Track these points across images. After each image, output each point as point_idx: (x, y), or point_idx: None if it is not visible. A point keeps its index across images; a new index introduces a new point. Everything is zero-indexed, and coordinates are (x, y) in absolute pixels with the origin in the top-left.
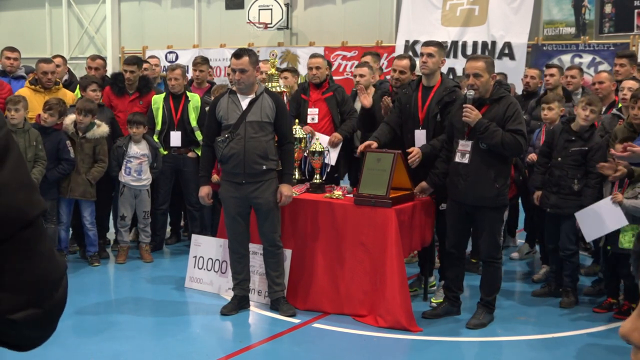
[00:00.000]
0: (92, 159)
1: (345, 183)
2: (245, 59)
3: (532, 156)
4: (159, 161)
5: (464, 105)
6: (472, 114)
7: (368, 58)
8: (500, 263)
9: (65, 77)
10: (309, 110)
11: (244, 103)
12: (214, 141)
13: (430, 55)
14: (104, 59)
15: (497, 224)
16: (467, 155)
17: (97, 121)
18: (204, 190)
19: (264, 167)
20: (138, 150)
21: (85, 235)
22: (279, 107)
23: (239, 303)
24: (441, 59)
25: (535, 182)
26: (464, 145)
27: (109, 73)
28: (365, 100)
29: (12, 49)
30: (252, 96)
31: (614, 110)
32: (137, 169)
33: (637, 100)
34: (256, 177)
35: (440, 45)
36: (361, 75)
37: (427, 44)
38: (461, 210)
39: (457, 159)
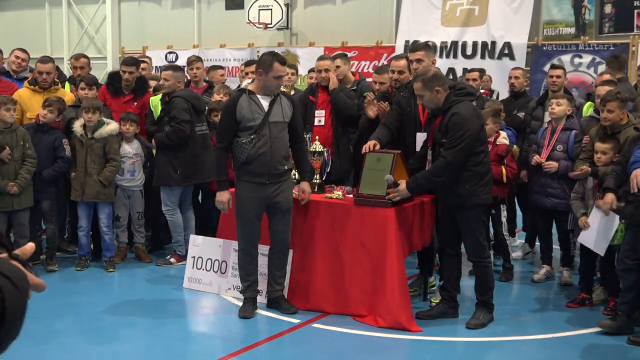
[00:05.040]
0: (104, 159)
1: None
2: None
3: (537, 158)
4: (152, 161)
5: (390, 193)
6: (398, 196)
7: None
8: (488, 262)
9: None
10: (316, 112)
11: (265, 104)
12: (232, 142)
13: (419, 60)
14: (88, 58)
15: (476, 224)
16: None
17: (105, 119)
18: (225, 196)
19: (285, 167)
20: (130, 149)
21: (101, 239)
22: (294, 106)
23: (254, 304)
24: (431, 60)
25: (609, 183)
26: (429, 153)
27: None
28: (370, 111)
29: (23, 50)
30: (271, 97)
31: (592, 112)
32: (130, 169)
33: (605, 103)
34: (278, 177)
35: (426, 47)
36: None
37: (413, 49)
38: (445, 210)
39: (428, 165)
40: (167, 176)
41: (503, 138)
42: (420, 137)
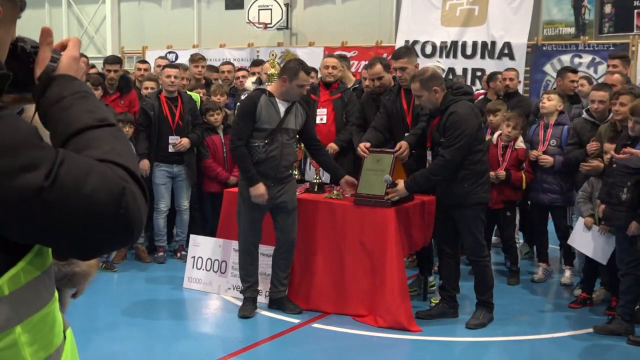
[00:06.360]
0: None
1: None
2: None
3: (534, 152)
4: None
5: (389, 193)
6: (397, 195)
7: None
8: (487, 261)
9: None
10: (318, 111)
11: (282, 109)
12: (248, 141)
13: (401, 69)
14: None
15: (475, 222)
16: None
17: None
18: (260, 188)
19: (290, 172)
20: None
21: None
22: (307, 115)
23: (253, 303)
24: (414, 64)
25: (601, 194)
26: (428, 154)
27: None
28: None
29: None
30: (289, 103)
31: (585, 114)
32: None
33: (618, 96)
34: (282, 180)
35: (407, 52)
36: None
37: (394, 57)
38: (443, 209)
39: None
40: None
41: (520, 142)
42: None
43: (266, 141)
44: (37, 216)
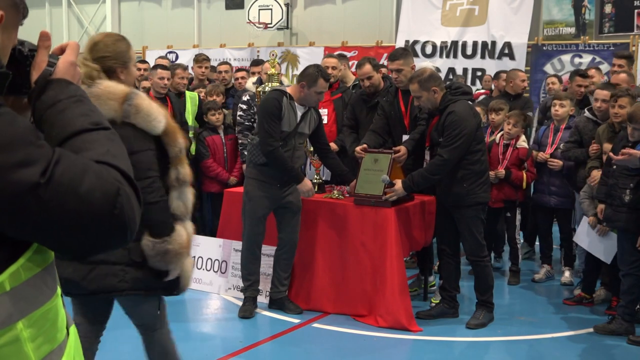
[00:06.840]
0: None
1: None
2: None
3: (542, 155)
4: None
5: (386, 193)
6: (395, 195)
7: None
8: (487, 261)
9: None
10: (319, 111)
11: (299, 114)
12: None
13: (397, 71)
14: None
15: (475, 222)
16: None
17: None
18: (308, 183)
19: None
20: None
21: None
22: (320, 120)
23: (254, 303)
24: (410, 66)
25: (599, 193)
26: (427, 153)
27: None
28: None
29: None
30: (306, 108)
31: (587, 113)
32: None
33: (617, 99)
34: (289, 182)
35: (403, 54)
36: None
37: (390, 58)
38: (443, 209)
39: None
40: None
41: (522, 141)
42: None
43: (280, 143)
44: (33, 213)
